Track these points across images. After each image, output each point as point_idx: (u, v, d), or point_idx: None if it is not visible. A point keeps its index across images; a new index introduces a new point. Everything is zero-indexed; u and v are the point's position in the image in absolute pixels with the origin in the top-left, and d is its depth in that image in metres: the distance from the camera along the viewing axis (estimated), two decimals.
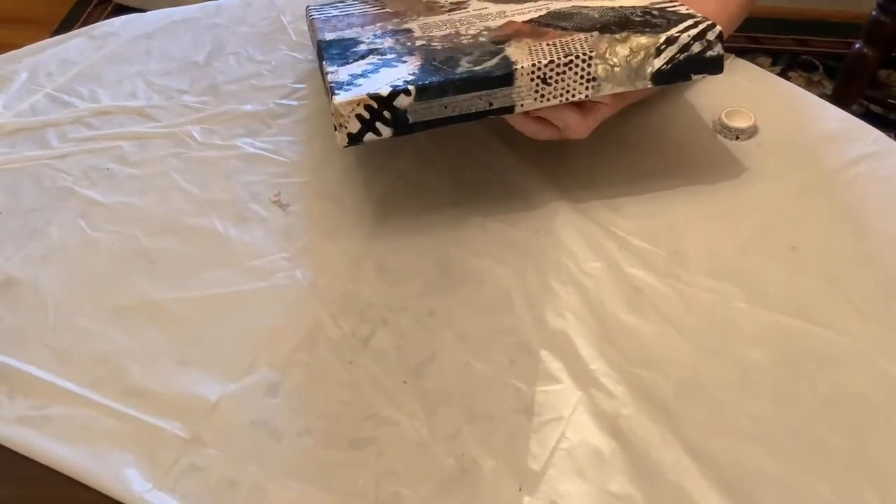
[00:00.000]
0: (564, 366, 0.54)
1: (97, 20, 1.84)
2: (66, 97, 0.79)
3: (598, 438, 0.50)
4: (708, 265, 0.60)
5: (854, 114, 0.71)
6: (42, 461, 0.51)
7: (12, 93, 0.80)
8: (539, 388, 0.53)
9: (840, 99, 1.53)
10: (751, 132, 0.69)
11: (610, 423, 0.51)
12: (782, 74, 1.81)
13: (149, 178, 0.70)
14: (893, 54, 1.53)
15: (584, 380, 0.53)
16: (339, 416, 0.52)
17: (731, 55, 0.75)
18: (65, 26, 2.09)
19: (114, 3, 2.15)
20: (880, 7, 1.46)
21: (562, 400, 0.52)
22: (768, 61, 1.86)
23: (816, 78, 1.82)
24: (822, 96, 0.94)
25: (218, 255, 0.63)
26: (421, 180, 0.68)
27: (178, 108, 0.77)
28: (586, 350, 0.55)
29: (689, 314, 0.57)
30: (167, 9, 0.91)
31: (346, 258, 0.62)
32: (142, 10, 0.92)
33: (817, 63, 1.85)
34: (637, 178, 0.67)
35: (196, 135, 0.74)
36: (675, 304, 0.57)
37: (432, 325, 0.57)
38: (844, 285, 0.57)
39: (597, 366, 0.54)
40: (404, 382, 0.54)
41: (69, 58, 0.84)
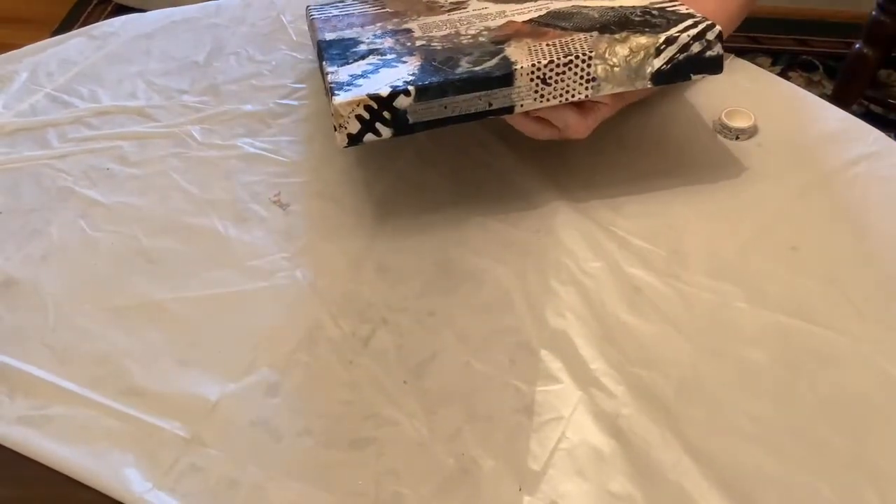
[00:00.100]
0: (564, 365, 0.54)
1: (97, 20, 1.84)
2: (66, 97, 0.79)
3: (598, 438, 0.50)
4: (708, 265, 0.60)
5: (854, 114, 0.71)
6: (42, 461, 0.51)
7: (12, 93, 0.80)
8: (539, 388, 0.53)
9: (840, 99, 1.52)
10: (751, 132, 0.69)
11: (610, 422, 0.51)
12: (782, 74, 1.81)
13: (149, 178, 0.70)
14: (893, 54, 1.53)
15: (585, 379, 0.53)
16: (339, 416, 0.52)
17: (731, 55, 0.75)
18: (65, 26, 2.09)
19: (114, 3, 2.15)
20: (880, 7, 1.46)
21: (562, 400, 0.52)
22: (768, 61, 1.86)
23: (816, 78, 1.82)
24: (822, 96, 0.94)
25: (218, 255, 0.63)
26: (421, 180, 0.68)
27: (178, 108, 0.77)
28: (586, 350, 0.55)
29: (689, 314, 0.57)
30: (167, 9, 0.91)
31: (346, 258, 0.62)
32: (142, 10, 0.92)
33: (817, 63, 1.85)
34: (637, 177, 0.67)
35: (196, 135, 0.74)
36: (675, 303, 0.57)
37: (432, 324, 0.57)
38: (844, 285, 0.57)
39: (597, 365, 0.54)
40: (404, 382, 0.54)
41: (69, 58, 0.84)
